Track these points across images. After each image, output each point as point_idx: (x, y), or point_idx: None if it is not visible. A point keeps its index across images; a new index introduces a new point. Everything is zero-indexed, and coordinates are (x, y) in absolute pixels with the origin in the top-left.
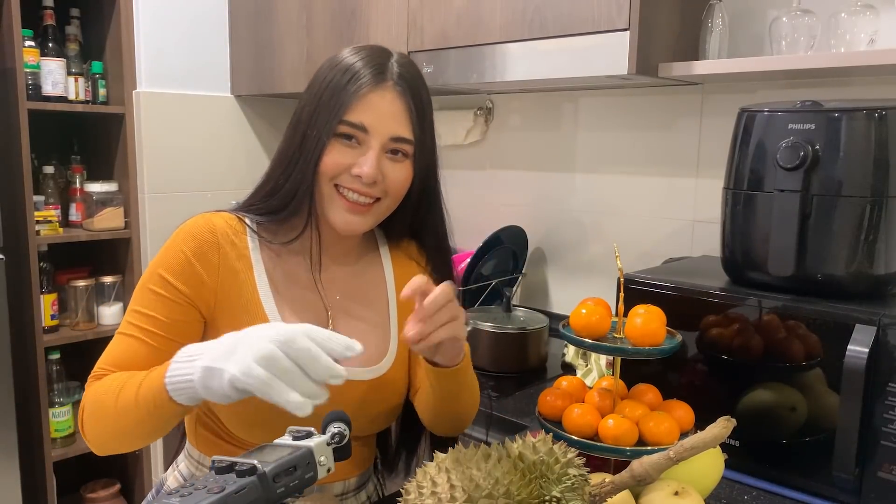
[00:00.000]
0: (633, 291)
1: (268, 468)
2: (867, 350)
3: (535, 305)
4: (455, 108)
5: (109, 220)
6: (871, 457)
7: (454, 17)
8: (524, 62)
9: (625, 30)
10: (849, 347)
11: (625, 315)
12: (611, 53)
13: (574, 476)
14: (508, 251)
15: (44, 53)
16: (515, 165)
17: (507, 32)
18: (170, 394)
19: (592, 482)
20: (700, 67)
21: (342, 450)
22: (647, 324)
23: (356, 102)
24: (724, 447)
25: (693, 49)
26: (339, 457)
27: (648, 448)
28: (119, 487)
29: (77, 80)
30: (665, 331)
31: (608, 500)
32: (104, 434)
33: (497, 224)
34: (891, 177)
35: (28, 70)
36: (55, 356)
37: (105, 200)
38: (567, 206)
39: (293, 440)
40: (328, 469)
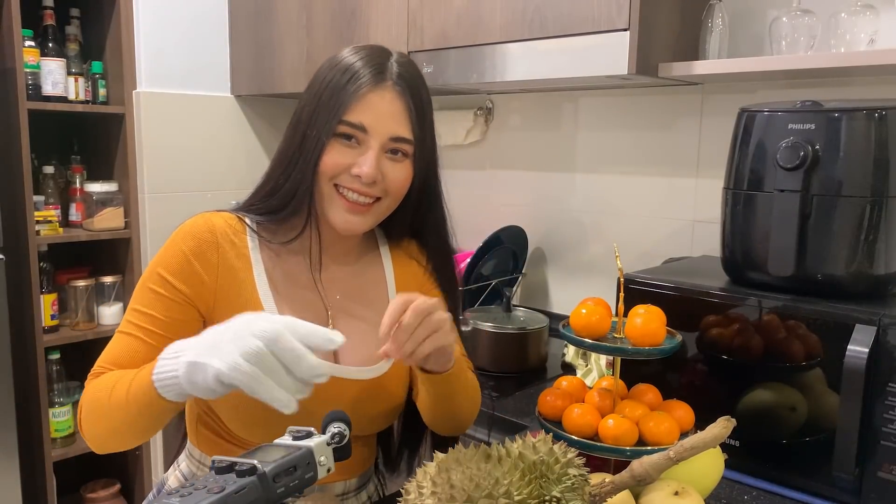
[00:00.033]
0: (633, 291)
1: (268, 468)
2: (867, 350)
3: (535, 305)
4: (455, 108)
5: (109, 220)
6: (871, 457)
7: (454, 17)
8: (524, 62)
9: (625, 30)
10: (849, 347)
11: (625, 315)
12: (611, 53)
13: (574, 476)
14: (508, 251)
15: (44, 53)
16: (515, 165)
17: (507, 32)
18: (158, 390)
19: (592, 482)
20: (700, 67)
21: (342, 450)
22: (647, 324)
23: (356, 102)
24: (724, 447)
25: (693, 49)
26: (339, 457)
27: (648, 448)
28: (119, 487)
29: (77, 80)
30: (665, 331)
31: (608, 500)
32: (100, 431)
33: (497, 224)
34: (891, 177)
35: (28, 70)
36: (55, 356)
37: (105, 200)
38: (567, 206)
39: (293, 440)
40: (328, 469)
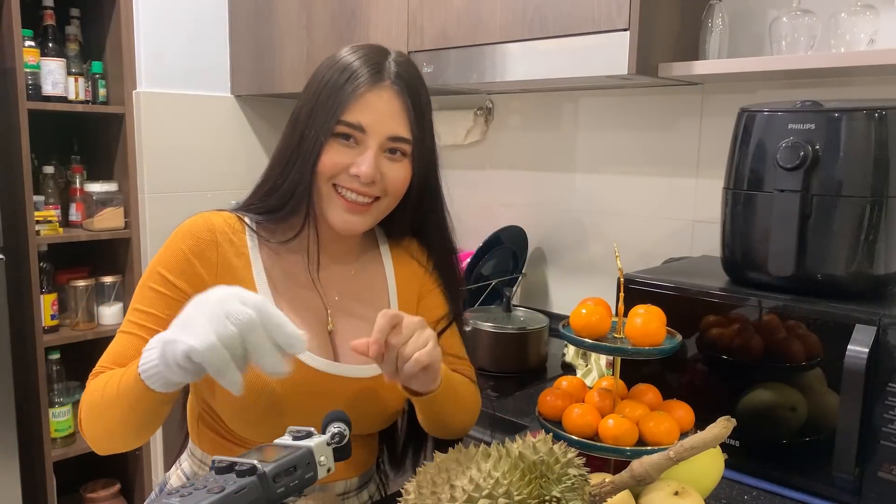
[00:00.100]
0: (633, 291)
1: (268, 468)
2: (867, 350)
3: (535, 305)
4: (455, 108)
5: (109, 220)
6: (871, 457)
7: (454, 17)
8: (524, 62)
9: (625, 30)
10: (849, 347)
11: (625, 315)
12: (611, 53)
13: (574, 476)
14: (508, 251)
15: (44, 53)
16: (515, 165)
17: (507, 32)
18: (144, 382)
19: (592, 482)
20: (700, 67)
21: (342, 450)
22: (647, 324)
23: (353, 102)
24: (724, 447)
25: (693, 49)
26: (339, 457)
27: (648, 448)
28: (119, 487)
29: (77, 80)
30: (665, 331)
31: (608, 500)
32: (98, 431)
33: (497, 224)
34: (891, 177)
35: (28, 70)
36: (55, 356)
37: (105, 200)
38: (567, 206)
39: (293, 440)
40: (328, 469)
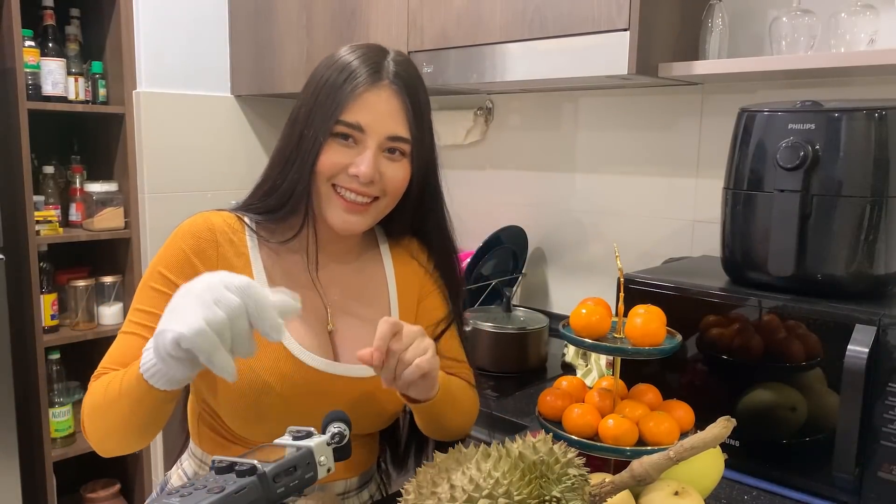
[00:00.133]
0: (633, 291)
1: (268, 468)
2: (867, 350)
3: (535, 305)
4: (455, 108)
5: (109, 220)
6: (871, 457)
7: (454, 17)
8: (524, 62)
9: (625, 30)
10: (849, 347)
11: (625, 315)
12: (611, 53)
13: (574, 476)
14: (508, 251)
15: (44, 53)
16: (515, 165)
17: (507, 32)
18: (147, 381)
19: (592, 482)
20: (700, 67)
21: (342, 450)
22: (647, 324)
23: (352, 102)
24: (724, 447)
25: (693, 49)
26: (339, 457)
27: (648, 448)
28: (119, 487)
29: (77, 80)
30: (665, 331)
31: (608, 500)
32: (101, 432)
33: (497, 224)
34: (891, 177)
35: (28, 70)
36: (55, 356)
37: (105, 200)
38: (567, 206)
39: (293, 440)
40: (328, 469)
